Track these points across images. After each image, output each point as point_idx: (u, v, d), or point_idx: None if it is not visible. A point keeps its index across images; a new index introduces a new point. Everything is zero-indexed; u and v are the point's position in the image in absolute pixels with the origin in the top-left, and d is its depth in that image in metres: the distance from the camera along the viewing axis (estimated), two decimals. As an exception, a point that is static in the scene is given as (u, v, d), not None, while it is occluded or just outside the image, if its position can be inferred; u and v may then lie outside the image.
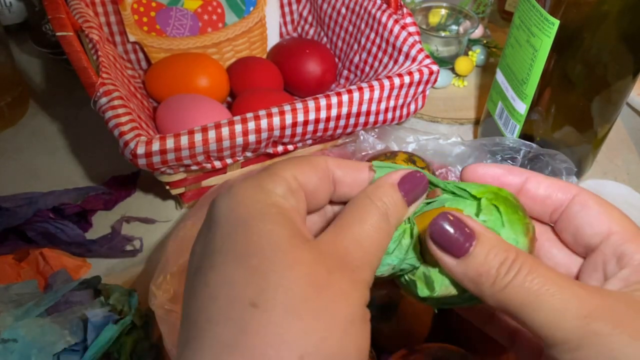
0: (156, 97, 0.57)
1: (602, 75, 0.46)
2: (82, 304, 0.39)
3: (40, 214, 0.47)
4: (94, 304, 0.39)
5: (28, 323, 0.36)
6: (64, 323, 0.37)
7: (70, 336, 0.36)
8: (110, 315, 0.38)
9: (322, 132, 0.47)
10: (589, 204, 0.25)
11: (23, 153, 0.58)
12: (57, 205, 0.48)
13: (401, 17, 0.52)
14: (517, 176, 0.26)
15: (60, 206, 0.48)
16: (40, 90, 0.66)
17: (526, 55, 0.48)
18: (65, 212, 0.48)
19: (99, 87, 0.42)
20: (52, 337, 0.36)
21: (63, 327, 0.36)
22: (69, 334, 0.36)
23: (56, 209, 0.48)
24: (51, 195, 0.48)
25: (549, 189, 0.25)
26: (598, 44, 0.44)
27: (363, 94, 0.46)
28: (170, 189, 0.48)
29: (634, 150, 0.62)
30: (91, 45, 0.46)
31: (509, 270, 0.20)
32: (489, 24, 0.77)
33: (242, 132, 0.42)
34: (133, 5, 0.57)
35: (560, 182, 0.26)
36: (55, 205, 0.48)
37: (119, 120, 0.41)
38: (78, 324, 0.37)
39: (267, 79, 0.59)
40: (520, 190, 0.26)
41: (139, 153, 0.40)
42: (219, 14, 0.61)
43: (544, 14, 0.44)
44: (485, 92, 0.67)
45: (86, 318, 0.37)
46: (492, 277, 0.21)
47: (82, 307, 0.38)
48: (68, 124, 0.62)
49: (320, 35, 0.64)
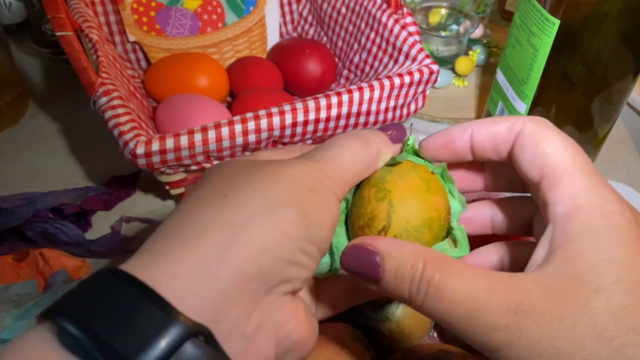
0: (156, 97, 0.57)
1: (602, 75, 0.46)
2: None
3: (40, 214, 0.47)
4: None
5: (27, 324, 0.36)
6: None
7: None
8: None
9: (322, 132, 0.46)
10: (525, 143, 0.23)
11: (23, 153, 0.58)
12: (57, 205, 0.48)
13: (401, 16, 0.52)
14: (461, 135, 0.25)
15: (59, 206, 0.48)
16: (39, 90, 0.66)
17: (526, 55, 0.48)
18: (65, 212, 0.48)
19: (98, 86, 0.42)
20: None
21: None
22: None
23: (55, 209, 0.48)
24: (50, 196, 0.48)
25: (493, 133, 0.24)
26: (598, 43, 0.44)
27: (363, 94, 0.46)
28: (170, 189, 0.48)
29: (634, 150, 0.62)
30: (91, 45, 0.46)
31: (419, 291, 0.21)
32: (489, 24, 0.77)
33: (242, 132, 0.42)
34: (133, 5, 0.57)
35: (502, 123, 0.24)
36: (55, 205, 0.48)
37: (119, 120, 0.41)
38: None
39: (267, 79, 0.59)
40: (471, 145, 0.25)
41: (139, 153, 0.40)
42: (218, 14, 0.61)
43: (545, 13, 0.44)
44: (485, 92, 0.67)
45: None
46: (407, 299, 0.21)
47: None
48: (68, 123, 0.61)
49: (320, 35, 0.64)
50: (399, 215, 0.24)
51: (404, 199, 0.24)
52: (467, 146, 0.25)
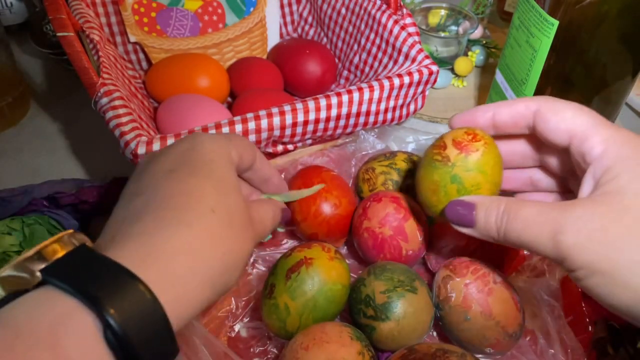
0: (157, 98, 0.57)
1: (601, 75, 0.46)
2: None
3: (35, 202, 0.46)
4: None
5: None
6: None
7: None
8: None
9: (322, 132, 0.47)
10: (547, 117, 0.30)
11: (24, 153, 0.58)
12: (52, 194, 0.47)
13: (401, 17, 0.52)
14: (484, 114, 0.32)
15: (55, 195, 0.47)
16: (41, 91, 0.66)
17: (525, 55, 0.48)
18: (60, 201, 0.48)
19: (99, 87, 0.43)
20: None
21: None
22: None
23: (51, 198, 0.47)
24: (46, 185, 0.48)
25: (512, 112, 0.31)
26: (597, 44, 0.44)
27: (363, 94, 0.46)
28: (171, 189, 0.48)
29: (634, 150, 0.62)
30: (92, 45, 0.47)
31: (501, 224, 0.29)
32: (488, 25, 0.77)
33: (242, 132, 0.43)
34: (134, 5, 0.57)
35: (520, 104, 0.31)
36: (50, 193, 0.47)
37: (120, 121, 0.41)
38: None
39: (267, 79, 0.59)
40: (494, 123, 0.32)
41: (140, 153, 0.40)
42: (219, 15, 0.61)
43: (544, 14, 0.44)
44: (484, 92, 0.67)
45: None
46: (495, 232, 0.29)
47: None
48: (69, 124, 0.62)
49: (320, 35, 0.64)
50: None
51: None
52: (489, 124, 0.32)
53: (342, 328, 0.34)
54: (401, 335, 0.36)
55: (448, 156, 0.31)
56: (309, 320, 0.35)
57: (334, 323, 0.36)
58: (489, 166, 0.31)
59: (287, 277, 0.36)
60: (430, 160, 0.32)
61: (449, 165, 0.31)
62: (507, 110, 0.32)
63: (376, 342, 0.36)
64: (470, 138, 0.31)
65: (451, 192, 0.32)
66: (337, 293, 0.36)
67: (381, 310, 0.36)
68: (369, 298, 0.36)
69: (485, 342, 0.36)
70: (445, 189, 0.32)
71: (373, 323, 0.36)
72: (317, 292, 0.35)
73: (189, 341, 0.32)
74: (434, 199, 0.33)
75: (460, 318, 0.36)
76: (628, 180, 0.26)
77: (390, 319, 0.35)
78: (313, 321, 0.36)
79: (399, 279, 0.37)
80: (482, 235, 0.30)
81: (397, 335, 0.36)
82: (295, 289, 0.35)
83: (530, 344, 0.38)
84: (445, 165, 0.31)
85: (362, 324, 0.37)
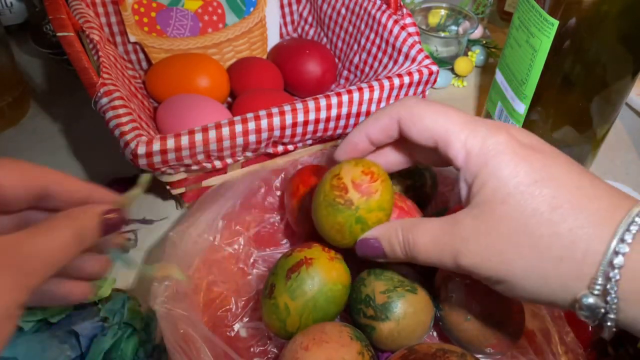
0: (157, 98, 0.57)
1: (601, 75, 0.46)
2: (78, 313, 0.38)
3: None
4: (85, 315, 0.38)
5: (28, 340, 0.35)
6: (62, 337, 0.36)
7: (71, 350, 0.35)
8: (100, 325, 0.37)
9: (322, 132, 0.47)
10: (408, 125, 0.31)
11: (24, 153, 0.58)
12: None
13: (401, 17, 0.52)
14: (359, 137, 0.34)
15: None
16: (41, 91, 0.66)
17: (525, 55, 0.48)
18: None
19: (99, 87, 0.43)
20: (53, 353, 0.35)
21: (62, 342, 0.36)
22: (69, 348, 0.35)
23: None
24: None
25: (381, 126, 0.33)
26: (597, 44, 0.44)
27: (363, 95, 0.46)
28: (171, 189, 0.48)
29: (633, 150, 0.62)
30: (92, 45, 0.47)
31: (406, 252, 0.31)
32: (488, 25, 0.77)
33: (242, 132, 0.43)
34: (134, 5, 0.57)
35: (384, 117, 0.32)
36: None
37: (120, 121, 0.41)
38: (76, 336, 0.36)
39: (267, 79, 0.59)
40: (370, 141, 0.34)
41: (140, 153, 0.40)
42: (219, 15, 0.61)
43: (544, 14, 0.44)
44: (484, 92, 0.67)
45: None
46: (405, 258, 0.31)
47: (77, 314, 0.37)
48: (69, 124, 0.62)
49: (320, 35, 0.64)
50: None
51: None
52: (367, 145, 0.34)
53: (342, 328, 0.34)
54: (401, 336, 0.36)
55: (351, 199, 0.32)
56: (309, 320, 0.35)
57: (334, 323, 0.36)
58: (386, 201, 0.33)
59: (287, 277, 0.36)
60: (331, 201, 0.33)
61: (352, 209, 0.32)
62: (375, 126, 0.33)
63: (376, 342, 0.36)
64: (368, 179, 0.32)
65: (356, 231, 0.33)
66: (337, 293, 0.36)
67: (381, 310, 0.36)
68: (369, 298, 0.36)
69: (485, 342, 0.36)
70: (350, 229, 0.33)
71: (373, 323, 0.36)
72: (317, 292, 0.35)
73: (189, 340, 0.32)
74: (339, 236, 0.34)
75: (461, 318, 0.36)
76: (493, 188, 0.27)
77: (390, 319, 0.35)
78: (313, 321, 0.36)
79: (399, 279, 0.37)
80: (397, 261, 0.32)
81: (397, 335, 0.36)
82: (295, 289, 0.35)
83: (530, 344, 0.38)
84: (348, 208, 0.33)
85: (362, 324, 0.37)
